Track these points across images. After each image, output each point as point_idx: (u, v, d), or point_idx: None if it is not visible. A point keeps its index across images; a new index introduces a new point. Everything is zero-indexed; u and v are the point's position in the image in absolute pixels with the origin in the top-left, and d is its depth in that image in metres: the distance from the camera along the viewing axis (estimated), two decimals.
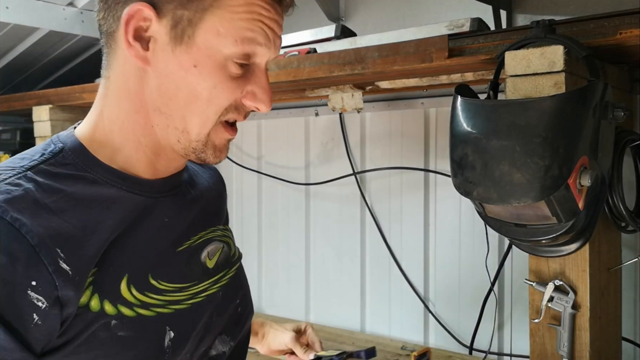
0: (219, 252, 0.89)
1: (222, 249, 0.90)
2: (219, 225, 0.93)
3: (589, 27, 1.07)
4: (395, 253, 1.99)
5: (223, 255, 0.90)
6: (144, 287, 0.74)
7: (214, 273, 0.87)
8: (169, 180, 0.83)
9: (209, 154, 0.77)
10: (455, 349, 1.85)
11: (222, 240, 0.92)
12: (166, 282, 0.77)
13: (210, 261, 0.86)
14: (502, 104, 1.02)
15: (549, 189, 0.96)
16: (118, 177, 0.76)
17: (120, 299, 0.72)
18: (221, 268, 0.89)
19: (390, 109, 1.96)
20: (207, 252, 0.87)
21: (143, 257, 0.76)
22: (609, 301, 1.21)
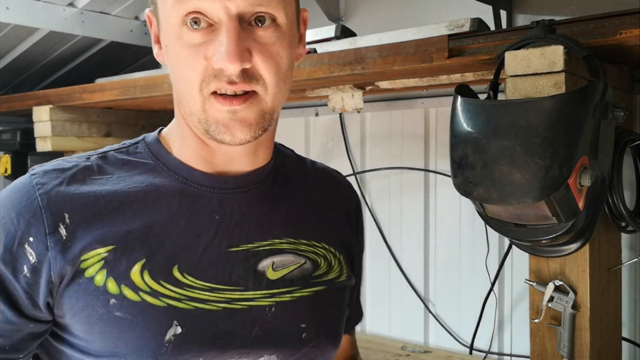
0: (294, 267, 0.80)
1: (301, 265, 0.81)
2: (312, 239, 0.84)
3: (589, 27, 1.07)
4: (396, 253, 1.99)
5: (299, 271, 0.81)
6: (162, 276, 0.72)
7: (274, 286, 0.78)
8: (238, 177, 0.79)
9: (217, 132, 0.71)
10: (455, 349, 1.85)
11: (305, 255, 0.82)
12: (194, 278, 0.73)
13: (273, 272, 0.79)
14: (502, 104, 1.02)
15: (549, 189, 0.96)
16: (177, 167, 0.78)
17: (127, 281, 0.70)
18: (288, 283, 0.79)
19: (390, 109, 1.96)
20: (273, 262, 0.79)
21: (173, 247, 0.73)
22: (609, 301, 1.21)
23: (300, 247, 0.82)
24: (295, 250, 0.81)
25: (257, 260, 0.78)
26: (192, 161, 0.78)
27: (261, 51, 0.70)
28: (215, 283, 0.74)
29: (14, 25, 1.95)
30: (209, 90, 0.70)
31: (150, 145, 0.80)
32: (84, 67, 2.33)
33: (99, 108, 2.17)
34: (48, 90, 2.10)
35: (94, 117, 2.18)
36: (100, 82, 2.05)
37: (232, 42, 0.67)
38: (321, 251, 0.84)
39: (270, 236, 0.80)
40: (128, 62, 2.43)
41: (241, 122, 0.71)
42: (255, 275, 0.77)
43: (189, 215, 0.76)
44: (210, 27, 0.69)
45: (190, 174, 0.78)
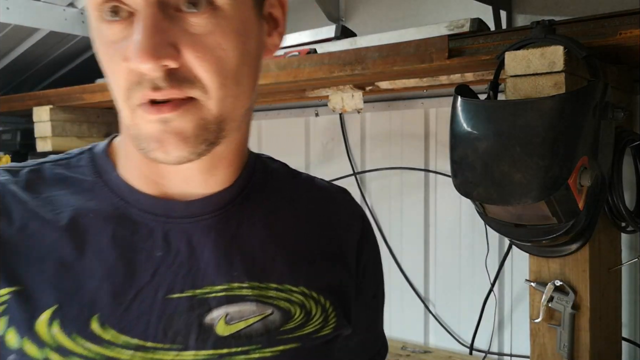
0: (255, 319, 0.62)
1: (265, 316, 0.62)
2: (286, 283, 0.65)
3: (589, 27, 1.07)
4: (396, 253, 1.99)
5: (261, 324, 0.62)
6: (75, 328, 0.55)
7: (224, 344, 0.60)
8: (191, 203, 0.62)
9: (149, 149, 0.55)
10: (455, 349, 1.85)
11: (275, 304, 0.63)
12: (116, 332, 0.56)
13: (226, 326, 0.60)
14: (502, 104, 1.02)
15: (549, 189, 0.96)
16: (118, 187, 0.62)
17: (30, 333, 0.55)
18: (244, 341, 0.61)
19: (391, 109, 1.96)
20: (227, 313, 0.61)
21: (95, 290, 0.57)
22: (609, 301, 1.21)
23: (267, 294, 0.63)
24: (260, 297, 0.62)
25: (205, 310, 0.60)
26: (136, 180, 0.62)
27: (194, 44, 0.52)
28: (144, 339, 0.57)
29: (14, 26, 1.95)
30: (136, 102, 0.54)
31: (95, 158, 0.65)
32: (84, 67, 2.33)
33: (99, 108, 2.17)
34: (48, 90, 2.10)
35: (94, 118, 2.18)
36: (101, 83, 2.05)
37: (145, 35, 0.50)
38: (298, 298, 0.65)
39: (226, 279, 0.61)
40: None
41: (175, 134, 0.54)
42: (199, 330, 0.59)
43: (123, 250, 0.59)
44: (131, 17, 0.52)
45: (132, 196, 0.62)
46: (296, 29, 1.73)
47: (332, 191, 0.76)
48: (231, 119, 0.58)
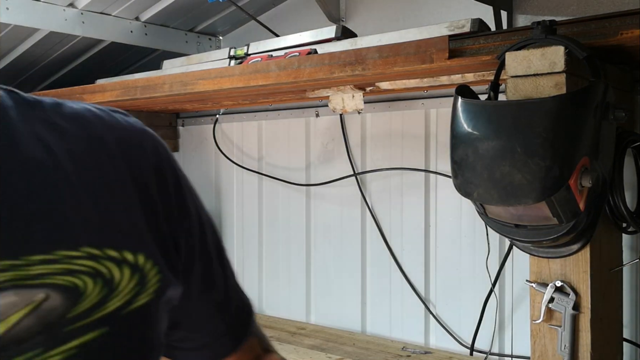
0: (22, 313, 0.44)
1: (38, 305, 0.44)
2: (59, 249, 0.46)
3: (589, 27, 1.07)
4: (396, 254, 1.98)
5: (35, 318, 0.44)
6: None
7: None
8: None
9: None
10: (456, 350, 1.85)
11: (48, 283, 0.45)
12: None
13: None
14: (503, 104, 1.02)
15: (549, 190, 0.96)
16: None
17: None
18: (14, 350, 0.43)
19: (391, 110, 1.96)
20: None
21: None
22: (610, 302, 1.21)
23: (30, 272, 0.45)
24: (21, 279, 0.44)
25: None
26: None
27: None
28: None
29: (14, 26, 1.95)
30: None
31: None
32: (85, 67, 2.33)
33: None
34: (48, 90, 2.10)
35: None
36: (101, 83, 2.05)
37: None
38: (83, 264, 0.47)
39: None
40: (128, 62, 2.43)
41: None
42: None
43: None
44: None
45: None
46: (296, 29, 1.73)
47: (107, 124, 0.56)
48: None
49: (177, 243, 0.55)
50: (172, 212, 0.55)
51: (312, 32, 1.68)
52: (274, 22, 2.08)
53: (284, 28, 1.99)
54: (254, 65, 1.58)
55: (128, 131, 0.56)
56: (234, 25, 2.33)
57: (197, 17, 2.24)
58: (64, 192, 0.48)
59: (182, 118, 2.51)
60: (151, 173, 0.55)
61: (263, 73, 1.53)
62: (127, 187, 0.52)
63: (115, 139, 0.54)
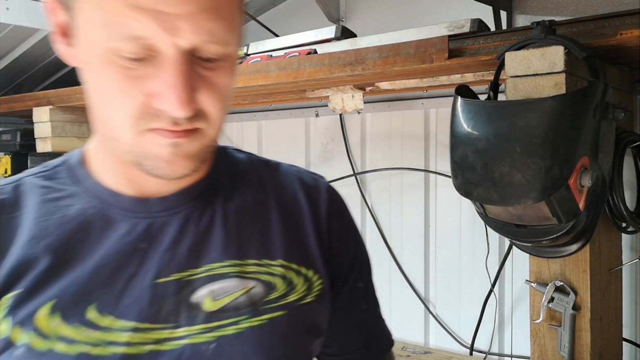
0: (239, 293, 0.68)
1: (249, 290, 0.69)
2: (264, 258, 0.72)
3: (589, 27, 1.07)
4: (396, 254, 1.98)
5: (246, 297, 0.69)
6: (75, 318, 0.62)
7: (214, 318, 0.67)
8: (166, 198, 0.69)
9: (153, 167, 0.61)
10: (455, 350, 1.85)
11: (254, 277, 0.70)
12: (113, 318, 0.63)
13: (212, 302, 0.67)
14: (503, 104, 1.02)
15: (549, 190, 0.96)
16: (98, 192, 0.68)
17: (33, 327, 0.61)
18: (232, 313, 0.67)
19: (391, 110, 1.96)
20: (211, 291, 0.67)
21: (88, 283, 0.63)
22: (610, 302, 1.21)
23: (247, 269, 0.70)
24: (241, 273, 0.69)
25: (191, 290, 0.67)
26: (113, 182, 0.68)
27: (208, 87, 0.59)
28: (139, 321, 0.63)
29: (14, 26, 1.95)
30: (146, 127, 0.59)
31: (71, 168, 0.71)
32: None
33: None
34: (48, 91, 2.10)
35: None
36: None
37: (183, 87, 0.56)
38: (278, 270, 0.71)
39: (206, 261, 0.68)
40: None
41: (184, 156, 0.61)
42: (188, 308, 0.66)
43: (110, 245, 0.66)
44: (151, 56, 0.56)
45: (112, 198, 0.68)
46: (296, 29, 1.73)
47: (295, 174, 0.81)
48: (219, 135, 0.66)
49: (336, 266, 0.78)
50: (334, 244, 0.78)
51: (312, 32, 1.68)
52: (274, 22, 2.08)
53: (284, 28, 2.00)
54: (253, 65, 1.58)
55: (313, 184, 0.80)
56: None
57: None
58: (272, 221, 0.74)
59: None
60: (323, 220, 0.78)
61: (263, 73, 1.53)
62: (308, 223, 0.76)
63: (305, 193, 0.78)
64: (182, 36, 0.55)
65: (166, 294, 0.66)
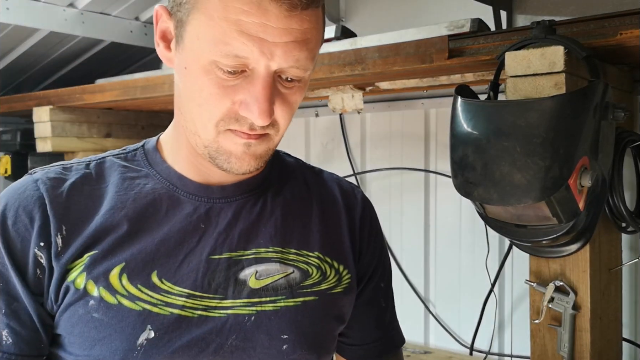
0: (279, 276, 0.79)
1: (288, 274, 0.80)
2: (303, 249, 0.82)
3: (589, 27, 1.07)
4: (396, 254, 1.98)
5: (285, 280, 0.79)
6: (140, 280, 0.73)
7: (256, 295, 0.77)
8: (225, 187, 0.80)
9: (225, 162, 0.74)
10: (455, 350, 1.85)
11: (294, 264, 0.81)
12: (172, 284, 0.74)
13: (256, 281, 0.78)
14: (503, 104, 1.02)
15: (549, 190, 0.96)
16: (169, 175, 0.80)
17: (105, 283, 0.72)
18: (271, 292, 0.78)
19: (391, 110, 1.96)
20: (256, 271, 0.78)
21: (154, 252, 0.75)
22: (610, 302, 1.21)
23: (288, 257, 0.81)
24: (282, 259, 0.80)
25: (240, 268, 0.78)
26: (183, 169, 0.80)
27: (283, 102, 0.72)
28: (193, 289, 0.75)
29: (14, 26, 1.95)
30: (226, 128, 0.71)
31: (147, 152, 0.83)
32: (84, 67, 2.33)
33: (99, 109, 2.17)
34: (48, 90, 2.10)
35: (94, 118, 2.18)
36: (101, 83, 2.05)
37: (266, 101, 0.69)
38: (314, 260, 0.83)
39: (254, 245, 0.79)
40: (128, 62, 2.43)
41: (253, 155, 0.74)
42: (236, 283, 0.77)
43: (175, 222, 0.77)
44: (243, 71, 0.69)
45: (180, 182, 0.79)
46: None
47: (335, 179, 0.94)
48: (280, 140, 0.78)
49: (364, 265, 0.89)
50: (364, 245, 0.89)
51: None
52: None
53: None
54: None
55: (350, 191, 0.93)
56: None
57: None
58: (313, 218, 0.85)
59: None
60: (357, 222, 0.90)
61: None
62: (344, 224, 0.88)
63: (342, 197, 0.91)
64: (275, 60, 0.67)
65: (218, 269, 0.76)
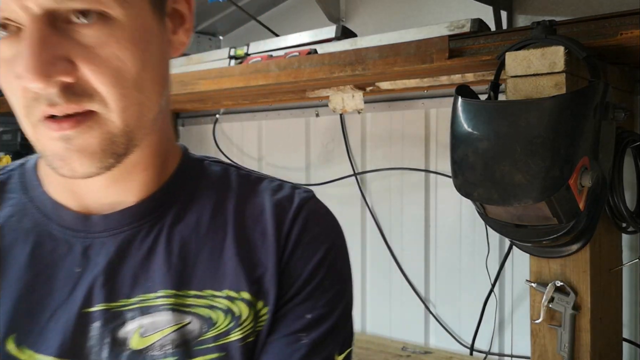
0: (170, 329, 0.60)
1: (183, 326, 0.60)
2: (208, 288, 0.62)
3: (589, 27, 1.07)
4: (396, 254, 1.98)
5: (178, 334, 0.60)
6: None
7: (138, 358, 0.59)
8: (109, 217, 0.61)
9: (54, 164, 0.55)
10: (455, 350, 1.85)
11: (194, 312, 0.61)
12: (33, 351, 0.57)
13: (140, 339, 0.59)
14: (503, 104, 1.02)
15: (549, 190, 0.96)
16: (43, 203, 0.62)
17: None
18: (159, 353, 0.59)
19: (391, 110, 1.96)
20: (140, 326, 0.59)
21: (12, 311, 0.58)
22: (610, 302, 1.21)
23: (185, 302, 0.61)
24: (177, 305, 0.60)
25: (120, 323, 0.59)
26: (59, 195, 0.62)
27: (88, 57, 0.51)
28: (60, 356, 0.57)
29: None
30: (36, 118, 0.53)
31: (24, 174, 0.65)
32: None
33: None
34: None
35: None
36: None
37: (32, 53, 0.49)
38: (222, 302, 0.61)
39: (141, 290, 0.60)
40: None
41: (79, 152, 0.53)
42: (113, 344, 0.58)
43: (42, 268, 0.60)
44: (20, 32, 0.51)
45: (55, 212, 0.62)
46: (296, 29, 1.73)
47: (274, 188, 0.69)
48: (139, 127, 0.57)
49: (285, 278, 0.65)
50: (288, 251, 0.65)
51: (312, 32, 1.68)
52: (274, 22, 2.08)
53: (284, 28, 1.99)
54: (254, 65, 1.58)
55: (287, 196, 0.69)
56: (234, 25, 2.33)
57: (197, 17, 2.23)
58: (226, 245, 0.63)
59: (182, 118, 2.51)
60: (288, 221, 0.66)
61: (263, 73, 1.53)
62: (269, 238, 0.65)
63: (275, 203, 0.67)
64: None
65: (92, 326, 0.59)
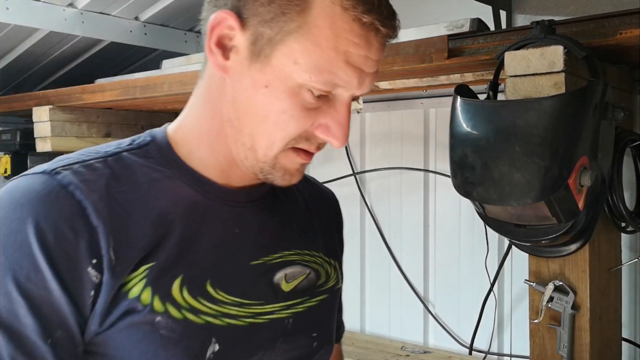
0: (302, 278, 0.82)
1: (307, 275, 0.83)
2: (312, 250, 0.86)
3: (589, 27, 1.07)
4: (395, 253, 1.99)
5: (306, 281, 0.83)
6: (198, 292, 0.71)
7: (289, 298, 0.80)
8: (249, 191, 0.79)
9: (277, 177, 0.74)
10: (455, 350, 1.85)
11: (310, 266, 0.84)
12: (224, 293, 0.73)
13: (287, 284, 0.80)
14: (502, 104, 1.02)
15: (549, 190, 0.96)
16: (194, 177, 0.76)
17: (170, 298, 0.69)
18: (299, 294, 0.81)
19: (390, 110, 1.96)
20: (285, 274, 0.80)
21: (204, 262, 0.73)
22: (609, 301, 1.21)
23: (305, 258, 0.84)
24: (302, 261, 0.83)
25: (273, 273, 0.79)
26: (206, 171, 0.76)
27: None
28: (242, 298, 0.75)
29: (14, 26, 1.95)
30: (292, 146, 0.72)
31: (162, 149, 0.77)
32: (84, 67, 2.33)
33: (98, 108, 2.17)
34: (48, 90, 2.10)
35: (93, 118, 2.18)
36: (100, 83, 2.05)
37: (347, 124, 0.72)
38: (319, 260, 0.86)
39: (281, 249, 0.81)
40: (128, 62, 2.43)
41: (302, 172, 0.77)
42: (271, 288, 0.78)
43: (213, 228, 0.75)
44: (326, 95, 0.69)
45: (207, 186, 0.76)
46: None
47: (311, 180, 0.97)
48: None
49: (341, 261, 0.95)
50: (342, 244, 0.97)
51: None
52: None
53: None
54: None
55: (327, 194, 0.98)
56: None
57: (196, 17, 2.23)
58: (313, 220, 0.89)
59: None
60: (334, 219, 0.96)
61: None
62: (332, 221, 0.95)
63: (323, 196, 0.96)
64: (362, 89, 0.71)
65: (259, 275, 0.77)
